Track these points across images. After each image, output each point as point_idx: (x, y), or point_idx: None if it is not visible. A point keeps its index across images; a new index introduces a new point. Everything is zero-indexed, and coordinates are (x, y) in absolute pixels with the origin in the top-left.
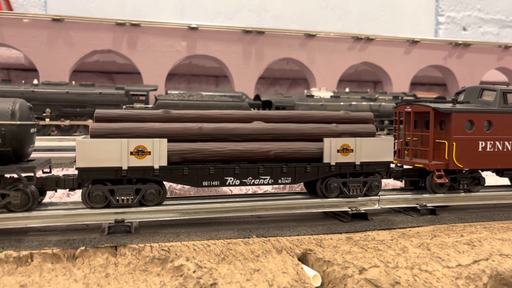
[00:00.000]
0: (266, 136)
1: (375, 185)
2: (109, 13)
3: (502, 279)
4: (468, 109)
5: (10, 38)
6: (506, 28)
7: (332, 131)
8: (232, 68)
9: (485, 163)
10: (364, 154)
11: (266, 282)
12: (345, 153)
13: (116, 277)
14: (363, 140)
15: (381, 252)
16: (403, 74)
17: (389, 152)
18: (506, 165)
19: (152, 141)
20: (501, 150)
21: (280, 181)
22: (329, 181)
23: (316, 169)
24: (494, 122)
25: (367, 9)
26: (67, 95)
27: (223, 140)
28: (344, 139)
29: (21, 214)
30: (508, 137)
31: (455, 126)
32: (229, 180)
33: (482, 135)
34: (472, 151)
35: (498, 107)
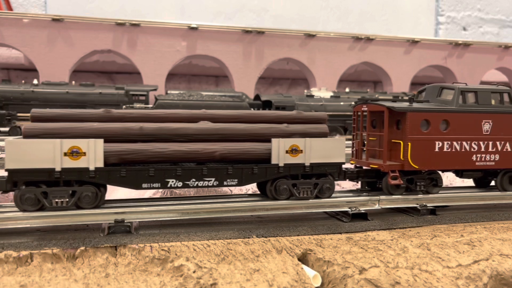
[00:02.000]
0: (213, 136)
1: (327, 187)
2: (109, 13)
3: (502, 279)
4: (424, 108)
5: (10, 38)
6: (506, 28)
7: (283, 131)
8: (232, 68)
9: (442, 164)
10: (314, 155)
11: (266, 282)
12: (294, 154)
13: (116, 277)
14: (313, 140)
15: (381, 252)
16: (403, 74)
17: (340, 153)
18: (464, 166)
19: (87, 142)
20: (459, 151)
21: (225, 183)
22: (279, 182)
23: (264, 170)
24: (451, 121)
25: (367, 9)
26: (67, 95)
27: (167, 140)
28: (293, 140)
29: (21, 214)
30: (466, 137)
31: (410, 126)
32: (171, 182)
33: (439, 135)
34: (428, 151)
35: (456, 107)
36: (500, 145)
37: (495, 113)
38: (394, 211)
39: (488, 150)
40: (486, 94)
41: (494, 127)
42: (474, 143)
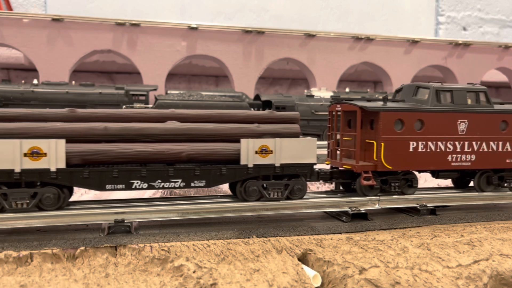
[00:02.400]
0: (180, 136)
1: (298, 188)
2: (109, 13)
3: (502, 279)
4: (397, 108)
5: (10, 38)
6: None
7: (253, 131)
8: (232, 68)
9: (417, 164)
10: (285, 155)
11: (266, 282)
12: (264, 154)
13: (116, 277)
14: (284, 141)
15: (381, 252)
16: (403, 74)
17: (312, 154)
18: (440, 166)
19: (48, 142)
20: (434, 151)
21: (193, 184)
22: (248, 183)
23: (232, 171)
24: (426, 121)
25: (367, 9)
26: (67, 95)
27: (132, 141)
28: (262, 140)
29: (21, 214)
30: (441, 137)
31: (383, 126)
32: (136, 183)
33: (413, 135)
34: (402, 151)
35: (431, 106)
36: (476, 145)
37: (471, 112)
38: (394, 211)
39: (464, 150)
40: (461, 94)
41: (470, 127)
42: (449, 143)
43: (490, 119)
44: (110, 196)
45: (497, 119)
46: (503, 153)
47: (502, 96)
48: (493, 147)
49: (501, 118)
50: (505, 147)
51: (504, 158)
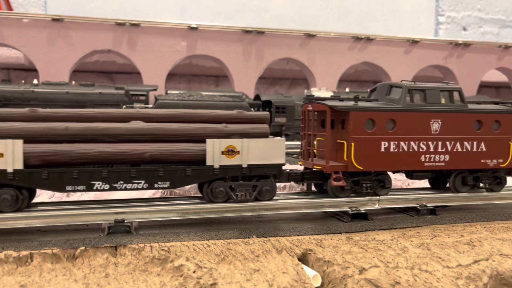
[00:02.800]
0: (144, 136)
1: (266, 189)
2: (109, 13)
3: (502, 279)
4: (368, 107)
5: (10, 38)
6: (506, 28)
7: (220, 131)
8: (232, 68)
9: (389, 164)
10: (252, 156)
11: (266, 282)
12: (231, 155)
13: (116, 277)
14: (251, 141)
15: (381, 252)
16: (403, 74)
17: (280, 154)
18: (413, 166)
19: (5, 142)
20: (406, 151)
21: (156, 185)
22: (215, 184)
23: (198, 172)
24: (398, 121)
25: (367, 9)
26: (67, 95)
27: (95, 141)
28: (229, 140)
29: (21, 214)
30: (414, 137)
31: (353, 125)
32: (97, 184)
33: (385, 135)
34: (373, 152)
35: (403, 105)
36: (450, 145)
37: (444, 112)
38: (394, 211)
39: (437, 151)
40: (435, 93)
41: (444, 127)
42: (422, 143)
43: (464, 119)
44: (110, 196)
45: (472, 118)
46: (477, 153)
47: (502, 96)
48: (467, 147)
49: (476, 117)
50: (480, 147)
51: (479, 158)
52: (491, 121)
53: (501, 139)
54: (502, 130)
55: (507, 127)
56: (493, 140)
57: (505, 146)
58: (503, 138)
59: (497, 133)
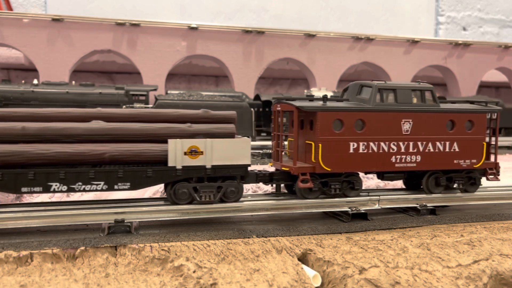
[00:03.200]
0: (104, 137)
1: (231, 191)
2: (109, 13)
3: (502, 279)
4: (336, 108)
5: (10, 38)
6: (506, 28)
7: (184, 131)
8: (232, 68)
9: (358, 165)
10: (216, 156)
11: (266, 282)
12: (194, 155)
13: (116, 277)
14: (215, 141)
15: (381, 252)
16: (403, 74)
17: (246, 154)
18: (383, 167)
19: None
20: (376, 152)
21: (116, 186)
22: (177, 186)
23: (160, 173)
24: (367, 121)
25: (367, 9)
26: (67, 95)
27: (54, 141)
28: (192, 140)
29: (21, 214)
30: (384, 137)
31: (320, 126)
32: (54, 186)
33: (354, 136)
34: (341, 153)
35: (373, 105)
36: (422, 145)
37: (416, 111)
38: (394, 211)
39: (408, 151)
40: (406, 92)
41: (415, 127)
42: (393, 144)
43: (436, 119)
44: (110, 196)
45: (444, 118)
46: (450, 153)
47: (502, 96)
48: (439, 148)
49: (448, 117)
50: (453, 148)
51: (452, 159)
52: (464, 121)
53: (474, 139)
54: (475, 130)
55: (480, 127)
56: (466, 140)
57: (479, 147)
58: (476, 138)
59: (470, 133)
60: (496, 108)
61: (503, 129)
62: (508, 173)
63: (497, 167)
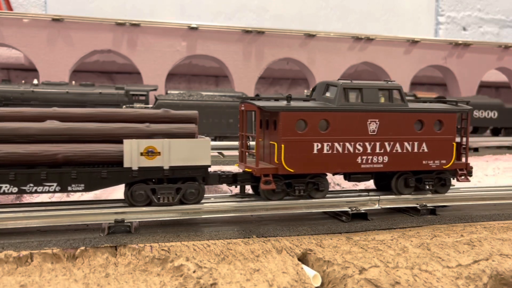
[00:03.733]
0: (60, 137)
1: (190, 192)
2: (109, 13)
3: (502, 279)
4: (299, 108)
5: (10, 38)
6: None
7: (142, 131)
8: (232, 68)
9: (323, 166)
10: (175, 157)
11: (266, 282)
12: (151, 156)
13: (116, 277)
14: (173, 141)
15: (381, 252)
16: (403, 74)
17: (205, 155)
18: (348, 168)
19: None
20: (341, 152)
21: (70, 188)
22: (134, 187)
23: (116, 174)
24: (331, 121)
25: (367, 9)
26: (67, 95)
27: (6, 141)
28: (148, 141)
29: (21, 214)
30: (349, 137)
31: (283, 126)
32: (4, 187)
33: (318, 136)
34: (305, 153)
35: (337, 105)
36: (389, 146)
37: (382, 111)
38: (394, 211)
39: (375, 152)
40: (372, 92)
41: (382, 127)
42: (358, 144)
43: (404, 119)
44: (110, 196)
45: (412, 118)
46: (419, 154)
47: (502, 96)
48: (407, 148)
49: (416, 117)
50: (421, 148)
51: (420, 159)
52: (433, 120)
53: (443, 139)
54: (445, 130)
55: (450, 127)
56: (435, 141)
57: (448, 147)
58: (446, 138)
59: (439, 133)
60: (466, 108)
61: (503, 129)
62: (508, 173)
63: (468, 168)
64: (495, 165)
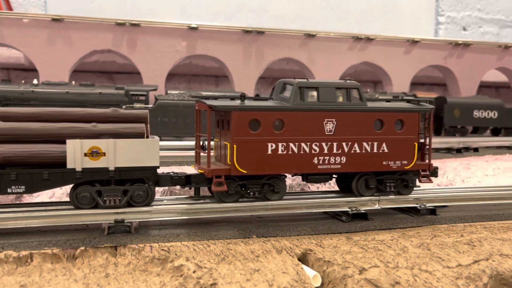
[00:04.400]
0: (1, 137)
1: (138, 194)
2: (109, 13)
3: (502, 279)
4: (251, 107)
5: (10, 38)
6: (506, 28)
7: (88, 131)
8: (232, 68)
9: (277, 167)
10: (121, 158)
11: (266, 282)
12: (95, 157)
13: (116, 277)
14: (118, 142)
15: (381, 252)
16: (403, 74)
17: (154, 156)
18: (304, 169)
19: None
20: (297, 153)
21: (10, 190)
22: (79, 189)
23: (59, 175)
24: (286, 121)
25: (367, 9)
26: (67, 95)
27: None
28: (92, 141)
29: (21, 214)
30: (305, 138)
31: (235, 126)
32: None
33: (272, 136)
34: (259, 154)
35: (293, 104)
36: (347, 146)
37: (340, 111)
38: (394, 211)
39: (332, 152)
40: (329, 91)
41: (339, 127)
42: (315, 145)
43: (363, 118)
44: None
45: (371, 117)
46: (378, 154)
47: (502, 96)
48: (366, 148)
49: (376, 116)
50: (381, 148)
51: (380, 160)
52: (393, 120)
53: (405, 139)
54: (406, 130)
55: (411, 127)
56: (396, 141)
57: (410, 147)
58: (407, 138)
59: (400, 133)
60: (427, 107)
61: (503, 129)
62: (508, 173)
63: (430, 168)
64: (495, 165)
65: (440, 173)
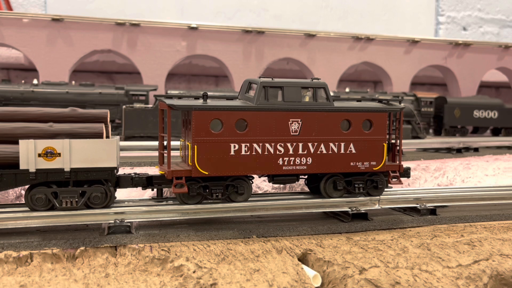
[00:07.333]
0: None
1: (96, 196)
2: (109, 13)
3: (503, 279)
4: (213, 106)
5: (10, 38)
6: (506, 28)
7: (44, 131)
8: (232, 68)
9: (241, 169)
10: (76, 158)
11: (266, 282)
12: (50, 157)
13: (116, 277)
14: (74, 142)
15: (381, 252)
16: (403, 74)
17: (111, 156)
18: (268, 170)
19: None
20: (261, 154)
21: None
22: (33, 191)
23: (12, 176)
24: (250, 121)
25: (367, 9)
26: (67, 95)
27: None
28: (46, 141)
29: (21, 214)
30: (270, 138)
31: (196, 126)
32: None
33: (235, 137)
34: (221, 155)
35: (256, 104)
36: (313, 147)
37: (305, 111)
38: (394, 211)
39: (297, 153)
40: (294, 90)
41: (305, 127)
42: (279, 145)
43: (329, 118)
44: None
45: (338, 118)
46: (346, 155)
47: (502, 96)
48: (333, 149)
49: (343, 116)
50: (349, 149)
51: (348, 161)
52: (361, 120)
53: (373, 139)
54: (374, 130)
55: (380, 127)
56: (364, 141)
57: (378, 148)
58: (375, 138)
59: (368, 134)
60: (397, 107)
61: (503, 129)
62: (508, 173)
63: (401, 170)
64: (495, 165)
65: (440, 173)
